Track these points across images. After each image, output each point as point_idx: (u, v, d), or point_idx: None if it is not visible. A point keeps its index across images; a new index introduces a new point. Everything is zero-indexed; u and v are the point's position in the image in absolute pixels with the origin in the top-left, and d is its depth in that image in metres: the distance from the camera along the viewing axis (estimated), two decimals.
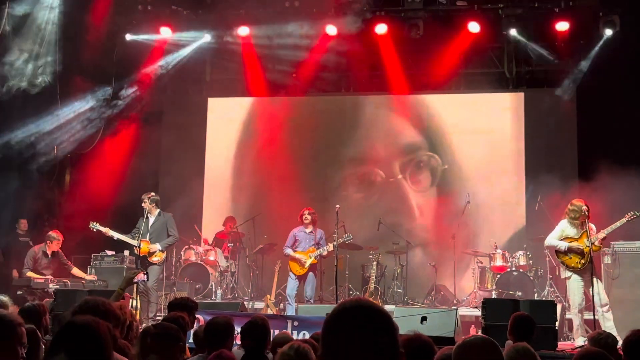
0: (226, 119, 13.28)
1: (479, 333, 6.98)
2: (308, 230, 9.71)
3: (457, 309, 7.86)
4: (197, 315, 5.52)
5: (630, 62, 11.13)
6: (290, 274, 9.69)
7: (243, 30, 12.07)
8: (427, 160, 12.61)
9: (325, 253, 9.64)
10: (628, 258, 9.13)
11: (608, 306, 7.84)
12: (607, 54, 11.14)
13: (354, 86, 13.00)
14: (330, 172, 12.84)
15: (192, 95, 13.41)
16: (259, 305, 10.48)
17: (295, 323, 7.35)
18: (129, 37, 12.16)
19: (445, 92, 12.72)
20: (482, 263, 10.84)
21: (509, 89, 12.55)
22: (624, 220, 7.95)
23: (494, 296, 9.91)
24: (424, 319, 7.40)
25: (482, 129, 12.41)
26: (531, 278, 10.05)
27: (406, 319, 7.44)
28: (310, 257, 9.56)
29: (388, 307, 9.83)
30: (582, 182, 10.85)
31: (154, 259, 9.16)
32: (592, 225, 8.08)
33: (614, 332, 7.02)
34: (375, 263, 10.46)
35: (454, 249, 11.07)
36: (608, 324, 7.61)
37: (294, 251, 9.65)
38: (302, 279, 9.62)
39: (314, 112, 13.07)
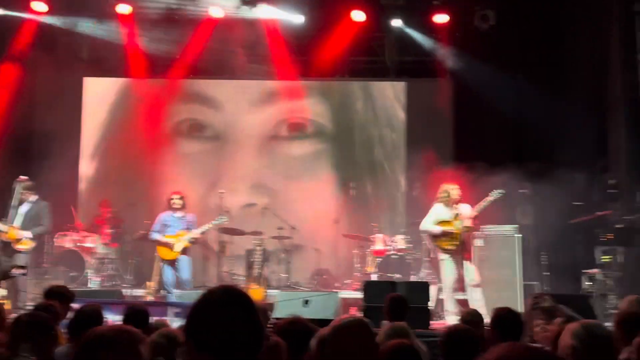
0: (103, 99, 12.85)
1: (358, 314, 7.26)
2: (178, 214, 9.57)
3: (338, 292, 8.10)
4: (71, 305, 5.35)
5: (503, 56, 11.84)
6: (160, 260, 9.54)
7: (124, 8, 11.67)
8: (313, 146, 12.80)
9: (197, 236, 9.55)
10: (497, 241, 9.75)
11: (479, 284, 8.31)
12: (482, 47, 11.76)
13: (239, 71, 12.92)
14: (215, 157, 12.75)
15: (67, 74, 12.79)
16: (139, 292, 10.28)
17: (177, 310, 7.36)
18: None
19: (330, 79, 12.95)
20: (363, 247, 11.20)
21: (391, 78, 12.98)
22: (488, 199, 8.45)
23: (374, 278, 10.27)
24: (306, 302, 7.64)
25: (366, 117, 12.79)
26: (409, 261, 10.50)
27: (289, 303, 7.64)
28: (181, 241, 9.44)
29: (272, 292, 9.95)
30: (456, 168, 11.43)
31: (20, 246, 8.77)
32: (467, 206, 8.52)
33: (483, 310, 7.53)
34: (259, 248, 10.49)
35: (337, 233, 11.36)
36: (475, 303, 8.09)
37: (163, 236, 9.48)
38: (173, 263, 9.47)
39: (196, 96, 12.90)
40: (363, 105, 12.82)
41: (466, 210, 8.50)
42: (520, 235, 9.89)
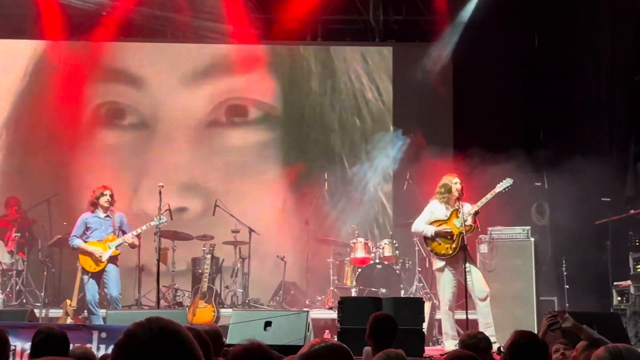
0: (9, 66, 12.66)
1: (334, 338, 7.24)
2: (103, 214, 9.46)
3: (308, 311, 8.10)
4: None
5: (513, 16, 11.90)
6: (83, 272, 9.40)
7: None
8: (276, 126, 12.77)
9: (130, 241, 9.41)
10: (506, 247, 9.79)
11: (488, 297, 8.33)
12: (488, 5, 11.79)
13: (184, 32, 12.81)
14: (151, 139, 12.66)
15: None
16: (55, 313, 10.20)
17: (103, 334, 7.26)
18: None
19: (300, 43, 12.90)
20: (340, 254, 11.18)
21: (375, 42, 12.96)
22: (495, 190, 8.48)
23: (353, 294, 10.28)
24: (268, 324, 7.58)
25: (345, 90, 12.79)
26: (397, 272, 10.52)
27: (246, 325, 7.59)
28: (110, 248, 9.29)
29: (225, 311, 9.97)
30: (457, 154, 11.47)
31: None
32: (468, 205, 8.55)
33: (491, 330, 7.58)
34: (209, 256, 10.47)
35: (308, 238, 11.34)
36: (484, 320, 8.12)
37: (86, 242, 9.36)
38: (99, 277, 9.35)
39: (130, 63, 12.78)
40: (342, 75, 12.78)
41: (467, 208, 8.53)
42: (535, 239, 9.97)
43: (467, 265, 8.18)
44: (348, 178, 12.49)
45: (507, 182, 8.49)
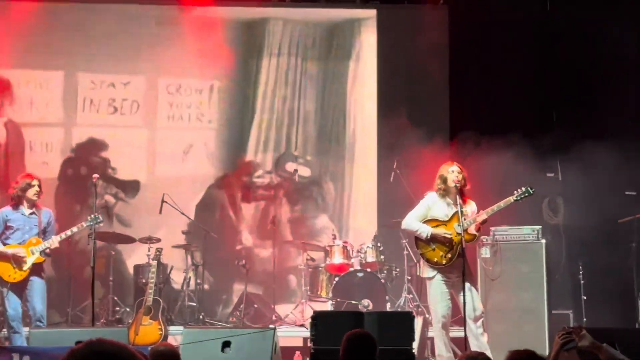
0: None
1: None
2: (28, 211, 9.31)
3: (275, 328, 8.06)
4: None
5: None
6: (2, 284, 9.20)
7: None
8: (234, 103, 12.74)
9: (56, 244, 9.23)
10: (512, 250, 9.78)
11: (482, 320, 8.29)
12: None
13: None
14: (91, 121, 12.55)
15: None
16: None
17: (26, 358, 7.28)
18: None
19: (265, 5, 12.86)
20: (314, 260, 11.16)
21: (356, 3, 12.93)
22: (511, 199, 8.36)
23: (329, 308, 10.27)
24: (226, 344, 7.58)
25: (321, 62, 12.79)
26: (382, 281, 10.48)
27: (201, 346, 7.56)
28: (34, 253, 9.15)
29: (174, 329, 9.99)
30: (454, 140, 11.46)
31: None
32: (472, 204, 8.46)
33: (488, 353, 7.51)
34: (155, 263, 10.38)
35: (274, 240, 11.29)
36: (478, 343, 8.08)
37: (5, 244, 9.20)
38: (21, 288, 9.20)
39: (64, 28, 12.60)
40: (317, 43, 12.76)
41: (472, 209, 8.42)
42: (546, 240, 9.95)
43: (466, 280, 8.12)
44: (323, 168, 12.44)
45: (525, 192, 8.33)
